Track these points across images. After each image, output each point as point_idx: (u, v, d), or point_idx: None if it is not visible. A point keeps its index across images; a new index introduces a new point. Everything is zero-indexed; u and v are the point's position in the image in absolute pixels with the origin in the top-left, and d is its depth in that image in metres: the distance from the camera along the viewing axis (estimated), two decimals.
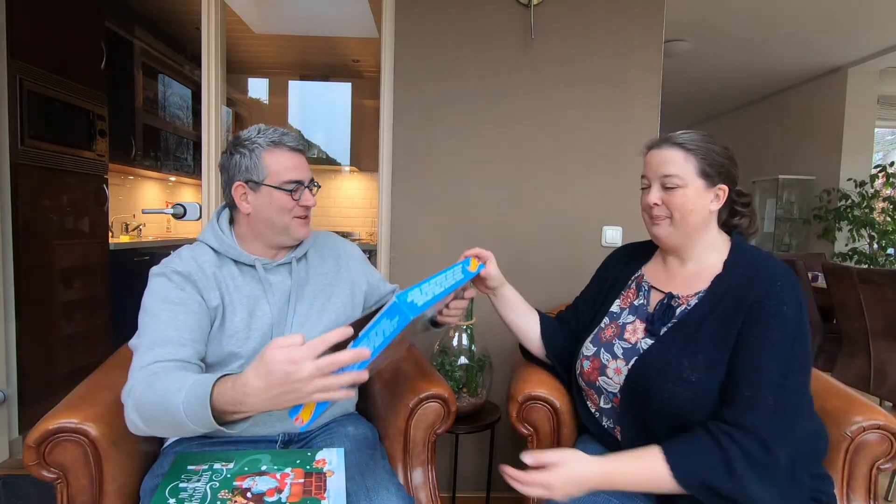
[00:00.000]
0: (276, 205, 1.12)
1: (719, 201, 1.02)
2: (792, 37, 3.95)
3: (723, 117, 6.68)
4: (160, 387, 0.86)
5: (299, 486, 0.92)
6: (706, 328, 0.96)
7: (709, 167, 1.00)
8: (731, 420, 0.87)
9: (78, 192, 2.52)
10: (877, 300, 2.40)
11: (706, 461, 0.85)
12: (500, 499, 1.92)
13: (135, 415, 0.89)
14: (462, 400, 1.65)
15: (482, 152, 1.93)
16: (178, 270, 1.07)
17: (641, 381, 0.99)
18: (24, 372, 2.15)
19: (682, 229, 1.03)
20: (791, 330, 0.89)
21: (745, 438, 0.85)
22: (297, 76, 4.83)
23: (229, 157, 1.15)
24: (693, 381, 0.93)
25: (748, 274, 0.97)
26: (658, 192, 1.03)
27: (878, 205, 4.50)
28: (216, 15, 1.91)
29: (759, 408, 0.86)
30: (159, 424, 0.88)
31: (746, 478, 0.84)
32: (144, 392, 0.88)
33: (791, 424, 0.87)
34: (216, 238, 1.14)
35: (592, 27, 1.89)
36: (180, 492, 0.90)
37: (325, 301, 1.20)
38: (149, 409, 0.87)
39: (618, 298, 1.15)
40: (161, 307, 1.02)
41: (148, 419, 0.88)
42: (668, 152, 1.02)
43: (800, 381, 0.90)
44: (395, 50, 1.90)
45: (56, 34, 2.34)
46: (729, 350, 0.92)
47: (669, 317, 1.02)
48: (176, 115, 3.95)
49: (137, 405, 0.88)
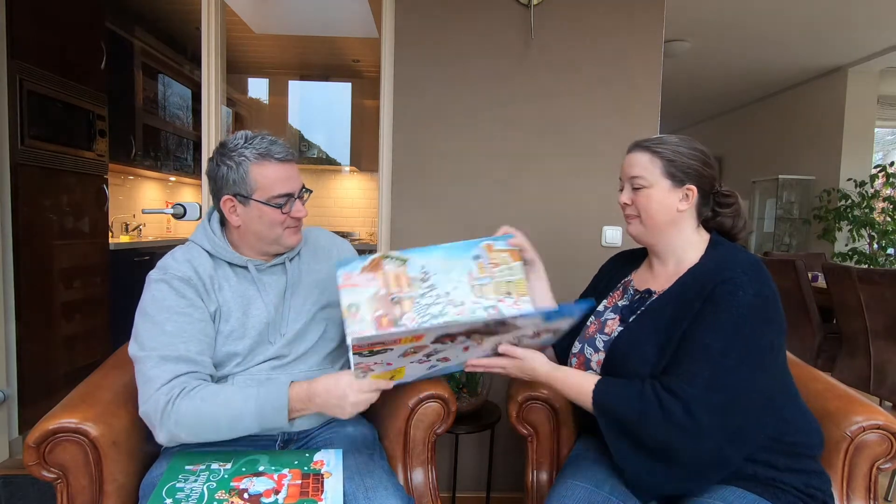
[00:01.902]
0: (267, 220, 1.10)
1: (689, 201, 1.06)
2: (792, 37, 3.95)
3: (723, 117, 6.68)
4: (220, 399, 0.98)
5: (296, 487, 0.92)
6: (668, 311, 1.02)
7: (675, 168, 1.05)
8: (666, 385, 0.94)
9: (78, 192, 2.52)
10: (877, 300, 2.40)
11: (625, 397, 0.96)
12: (500, 499, 1.93)
13: (177, 428, 0.96)
14: (462, 400, 1.65)
15: (482, 152, 1.93)
16: (179, 276, 1.06)
17: (614, 365, 1.05)
18: (24, 372, 2.15)
19: (651, 228, 1.08)
20: (741, 312, 0.93)
21: (671, 400, 0.92)
22: (297, 76, 4.83)
23: (216, 168, 1.11)
24: (654, 361, 0.99)
25: (714, 263, 1.03)
26: (628, 192, 1.11)
27: (878, 205, 4.50)
28: (216, 15, 1.91)
29: (693, 378, 0.92)
30: (209, 432, 0.98)
31: (654, 427, 0.92)
32: (198, 405, 0.96)
33: (730, 400, 0.91)
34: (209, 241, 1.13)
35: (592, 27, 1.89)
36: (177, 492, 0.90)
37: (318, 297, 1.20)
38: (202, 420, 0.96)
39: (605, 299, 1.20)
40: (165, 317, 1.02)
41: (197, 430, 0.97)
42: (636, 155, 1.09)
43: (747, 360, 0.92)
44: (395, 50, 1.90)
45: (56, 34, 2.34)
46: (681, 331, 0.98)
47: (640, 307, 1.09)
48: (176, 115, 3.95)
49: (182, 419, 0.96)
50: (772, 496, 0.95)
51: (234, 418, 0.97)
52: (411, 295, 1.06)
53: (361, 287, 1.05)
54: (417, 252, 1.09)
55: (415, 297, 1.06)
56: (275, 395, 0.98)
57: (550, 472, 1.26)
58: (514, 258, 1.12)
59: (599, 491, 0.98)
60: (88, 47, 2.58)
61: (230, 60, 2.32)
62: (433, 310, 1.05)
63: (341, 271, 1.06)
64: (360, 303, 1.04)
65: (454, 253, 1.10)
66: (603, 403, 0.98)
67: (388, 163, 1.93)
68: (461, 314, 1.04)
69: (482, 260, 1.10)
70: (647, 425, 0.93)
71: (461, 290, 1.07)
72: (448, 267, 1.08)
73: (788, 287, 2.92)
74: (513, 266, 1.10)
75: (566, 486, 1.01)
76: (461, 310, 1.05)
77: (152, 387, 0.98)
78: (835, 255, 4.60)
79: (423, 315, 1.04)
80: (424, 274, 1.08)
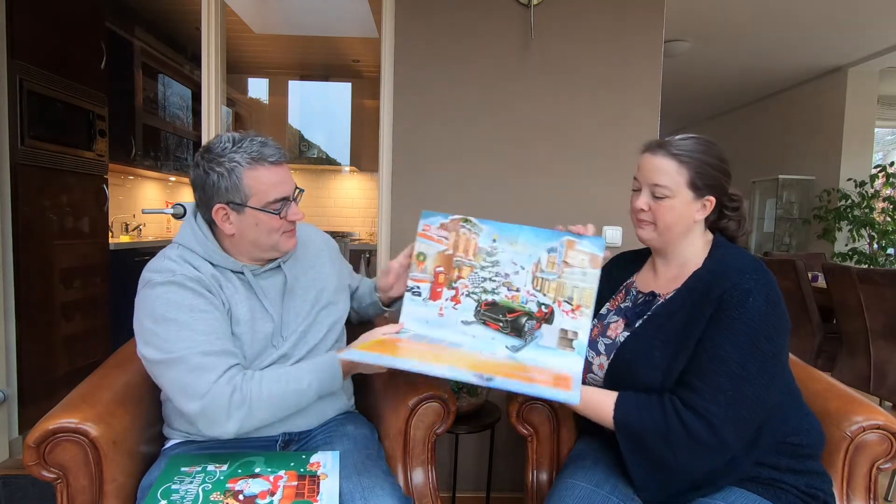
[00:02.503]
0: (264, 227, 1.06)
1: (705, 211, 1.04)
2: (792, 37, 3.95)
3: (723, 117, 6.68)
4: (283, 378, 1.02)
5: (292, 488, 0.92)
6: (677, 318, 1.00)
7: (700, 180, 1.01)
8: (688, 402, 0.92)
9: (78, 192, 2.52)
10: (877, 300, 2.40)
11: (648, 418, 0.94)
12: (500, 499, 1.93)
13: (252, 412, 0.98)
14: (462, 400, 1.65)
15: (482, 152, 1.93)
16: (190, 276, 1.03)
17: (619, 371, 1.04)
18: (24, 372, 2.15)
19: (666, 236, 1.06)
20: (755, 321, 0.92)
21: (695, 420, 0.90)
22: (297, 76, 4.83)
23: (204, 176, 1.03)
24: (663, 368, 0.98)
25: (718, 268, 1.01)
26: (647, 197, 1.05)
27: (878, 205, 4.50)
28: (216, 15, 1.91)
29: (715, 395, 0.91)
30: (281, 410, 1.03)
31: (678, 447, 0.91)
32: (269, 387, 0.99)
33: (750, 412, 0.91)
34: (200, 245, 1.08)
35: (592, 27, 1.89)
36: (172, 493, 0.90)
37: (317, 297, 1.19)
38: (273, 402, 1.00)
39: (608, 302, 1.18)
40: (193, 316, 0.99)
41: (272, 411, 1.01)
42: (662, 161, 1.02)
43: (764, 371, 0.92)
44: (395, 50, 1.90)
45: (56, 34, 2.34)
46: (695, 339, 0.96)
47: (645, 311, 1.07)
48: (176, 115, 3.95)
49: (256, 402, 0.98)
50: (773, 497, 0.95)
51: (300, 392, 1.02)
52: (472, 264, 1.10)
53: (434, 241, 1.12)
54: (497, 225, 1.11)
55: (475, 266, 1.10)
56: (329, 365, 1.06)
57: (550, 472, 1.26)
58: (594, 265, 1.06)
59: (599, 490, 0.98)
60: (88, 47, 2.58)
61: (230, 60, 2.32)
62: (488, 285, 1.09)
63: (423, 222, 1.14)
64: (428, 255, 1.12)
65: (532, 237, 1.09)
66: (625, 422, 0.96)
67: (388, 163, 1.93)
68: (513, 300, 1.07)
69: (556, 254, 1.08)
70: (672, 445, 0.92)
71: (521, 277, 1.08)
72: (519, 249, 1.09)
73: (788, 287, 2.92)
74: (588, 272, 1.06)
75: (566, 486, 1.01)
76: (514, 296, 1.07)
77: (206, 381, 0.94)
78: (835, 255, 4.60)
79: (476, 286, 1.09)
80: (493, 248, 1.10)
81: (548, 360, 1.03)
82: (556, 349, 1.04)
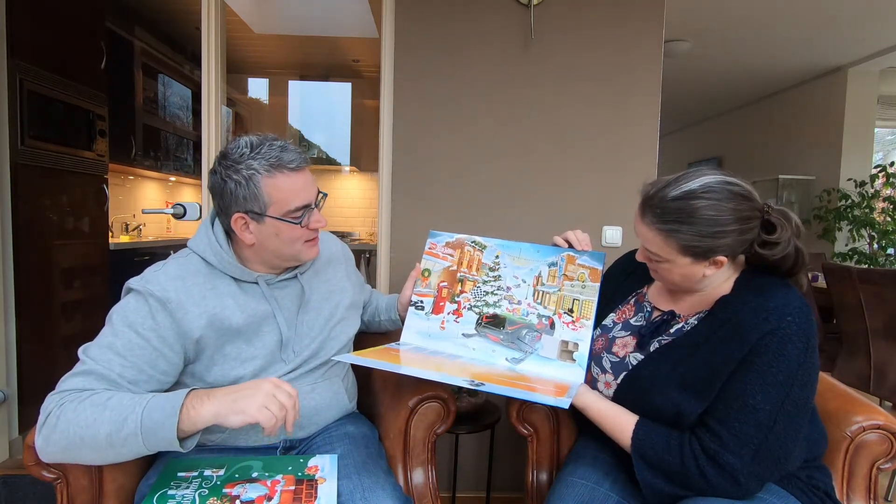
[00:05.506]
0: (285, 236, 1.01)
1: (717, 267, 0.93)
2: (792, 37, 3.95)
3: (723, 117, 6.68)
4: (110, 402, 0.84)
5: (289, 493, 0.91)
6: (704, 352, 0.92)
7: (694, 246, 0.89)
8: (712, 452, 0.87)
9: (78, 192, 2.52)
10: (877, 300, 2.40)
11: (667, 460, 0.90)
12: (500, 499, 1.92)
13: (51, 436, 0.84)
14: (462, 400, 1.65)
15: (482, 152, 1.93)
16: (157, 296, 0.95)
17: (632, 396, 0.99)
18: (24, 372, 2.15)
19: (677, 286, 1.00)
20: (792, 370, 0.85)
21: (716, 474, 0.86)
22: (297, 76, 4.83)
23: (222, 184, 0.98)
24: (681, 401, 0.91)
25: (756, 302, 0.90)
26: (644, 253, 0.99)
27: (878, 205, 4.49)
28: (216, 15, 1.91)
29: (741, 447, 0.86)
30: (84, 444, 0.83)
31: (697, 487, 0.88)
32: (84, 407, 0.84)
33: (776, 465, 0.88)
34: (214, 254, 1.02)
35: (592, 27, 1.89)
36: (168, 499, 0.89)
37: (332, 312, 1.17)
38: (79, 423, 0.83)
39: (613, 312, 1.13)
40: (122, 331, 0.93)
41: (70, 437, 0.83)
42: (647, 230, 0.94)
43: (792, 422, 0.87)
44: (395, 50, 1.90)
45: (56, 34, 2.34)
46: (722, 381, 0.89)
47: (662, 332, 1.00)
48: (176, 115, 3.95)
49: (59, 423, 0.83)
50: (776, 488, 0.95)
51: (116, 422, 0.82)
52: (475, 278, 1.17)
53: (440, 258, 1.20)
54: (499, 242, 1.18)
55: (478, 280, 1.16)
56: (170, 395, 0.85)
57: (550, 472, 1.26)
58: (594, 279, 1.10)
59: (599, 488, 0.99)
60: (88, 47, 2.57)
61: (230, 60, 2.32)
62: (490, 298, 1.14)
63: (430, 241, 1.24)
64: (433, 271, 1.20)
65: (532, 253, 1.15)
66: (641, 453, 0.93)
67: (388, 163, 1.93)
68: (514, 312, 1.12)
69: (556, 268, 1.12)
70: (691, 488, 0.89)
71: (523, 290, 1.13)
72: (520, 264, 1.14)
73: None
74: (587, 285, 1.11)
75: (566, 484, 1.01)
76: (516, 308, 1.12)
77: (67, 384, 0.89)
78: (835, 255, 4.60)
79: (478, 300, 1.14)
80: (496, 263, 1.16)
81: (549, 372, 1.05)
82: (557, 360, 1.07)
